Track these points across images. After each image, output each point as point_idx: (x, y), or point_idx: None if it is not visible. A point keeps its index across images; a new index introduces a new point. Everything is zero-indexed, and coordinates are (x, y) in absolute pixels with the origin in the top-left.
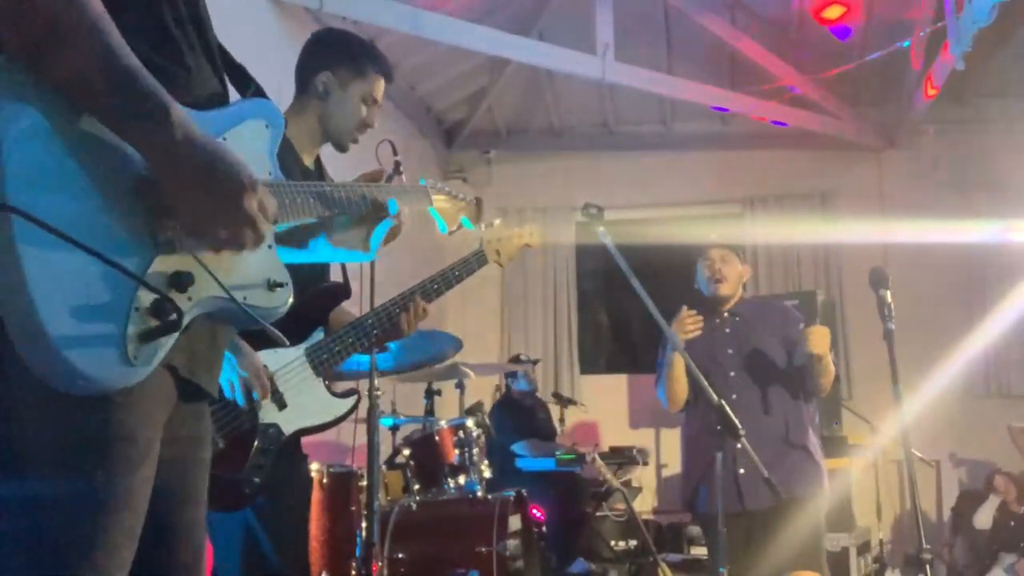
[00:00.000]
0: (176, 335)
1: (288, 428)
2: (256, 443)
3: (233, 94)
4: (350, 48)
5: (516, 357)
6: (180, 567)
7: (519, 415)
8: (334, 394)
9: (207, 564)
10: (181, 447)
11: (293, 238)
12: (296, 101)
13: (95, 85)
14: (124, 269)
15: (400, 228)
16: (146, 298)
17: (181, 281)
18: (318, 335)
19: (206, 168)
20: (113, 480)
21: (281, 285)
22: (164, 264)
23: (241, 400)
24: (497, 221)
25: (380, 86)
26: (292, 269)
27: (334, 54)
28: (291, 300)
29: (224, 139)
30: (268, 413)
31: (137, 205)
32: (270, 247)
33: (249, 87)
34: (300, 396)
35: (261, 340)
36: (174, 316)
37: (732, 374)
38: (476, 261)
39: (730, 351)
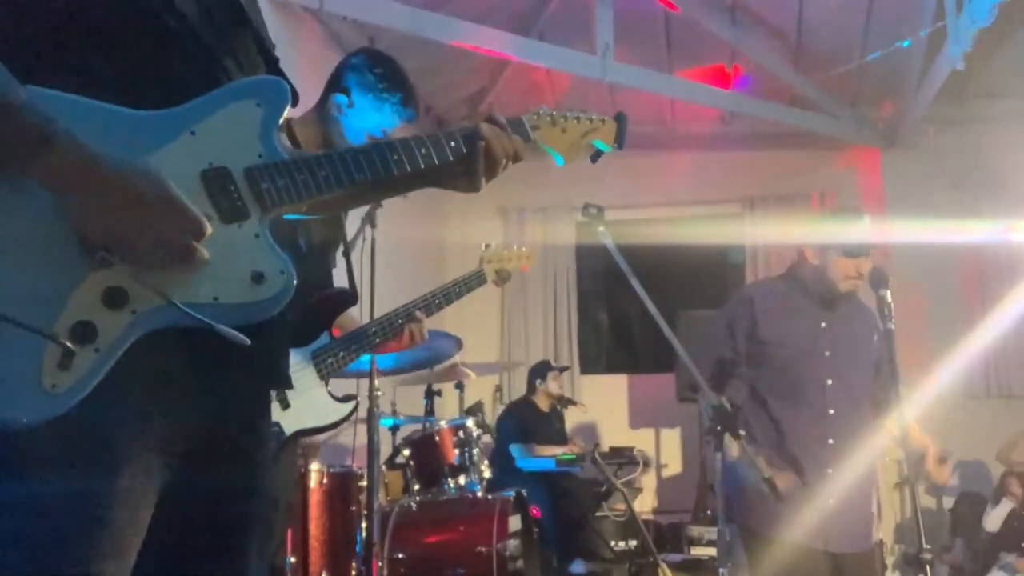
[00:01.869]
0: (110, 357)
1: (289, 428)
2: None
3: None
4: (380, 81)
5: (546, 362)
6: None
7: (533, 419)
8: (335, 398)
9: None
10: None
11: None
12: (313, 109)
13: None
14: (16, 322)
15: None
16: (64, 327)
17: (114, 297)
18: (323, 339)
19: (104, 190)
20: (87, 488)
21: (268, 277)
22: (97, 281)
23: None
24: (494, 243)
25: (394, 122)
26: (298, 274)
27: (359, 80)
28: (288, 288)
29: (193, 133)
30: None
31: (63, 223)
32: (257, 236)
33: (268, 62)
34: (303, 398)
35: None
36: (64, 349)
37: (829, 382)
38: (476, 280)
39: (827, 353)
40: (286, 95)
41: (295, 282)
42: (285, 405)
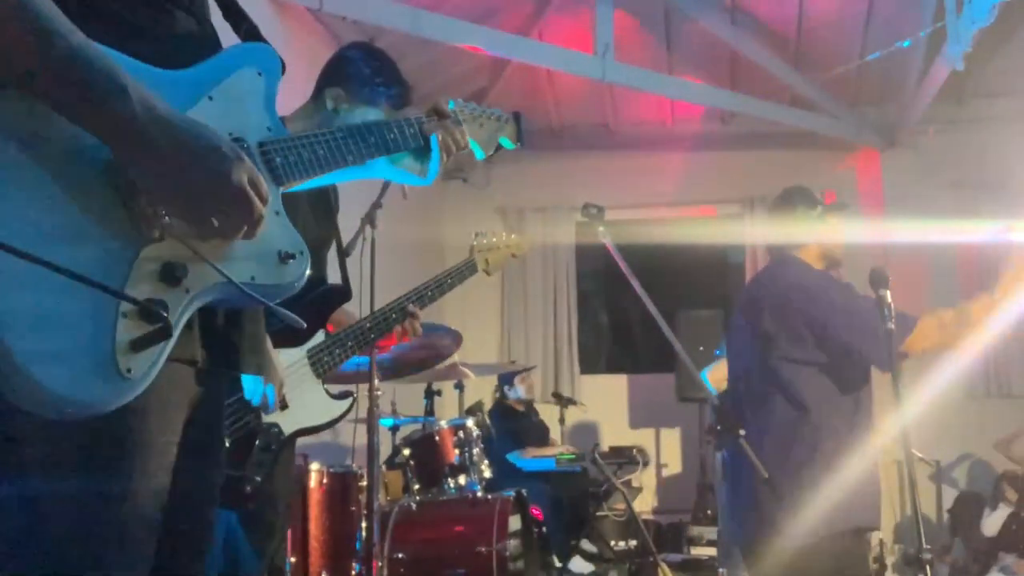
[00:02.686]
0: (174, 338)
1: (288, 428)
2: (258, 442)
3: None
4: (375, 75)
5: (511, 374)
6: (191, 568)
7: (512, 421)
8: (332, 396)
9: None
10: (197, 447)
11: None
12: (306, 105)
13: (34, 70)
14: (91, 281)
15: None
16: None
17: (173, 273)
18: (319, 337)
19: (177, 147)
20: (130, 489)
21: (293, 256)
22: (153, 255)
23: (257, 401)
24: (486, 231)
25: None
26: None
27: (355, 75)
28: (308, 271)
29: (211, 99)
30: (270, 413)
31: (110, 194)
32: (278, 214)
33: (241, 26)
34: (301, 397)
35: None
36: (160, 324)
37: None
38: (467, 270)
39: None
40: (280, 66)
41: (309, 264)
42: (283, 406)
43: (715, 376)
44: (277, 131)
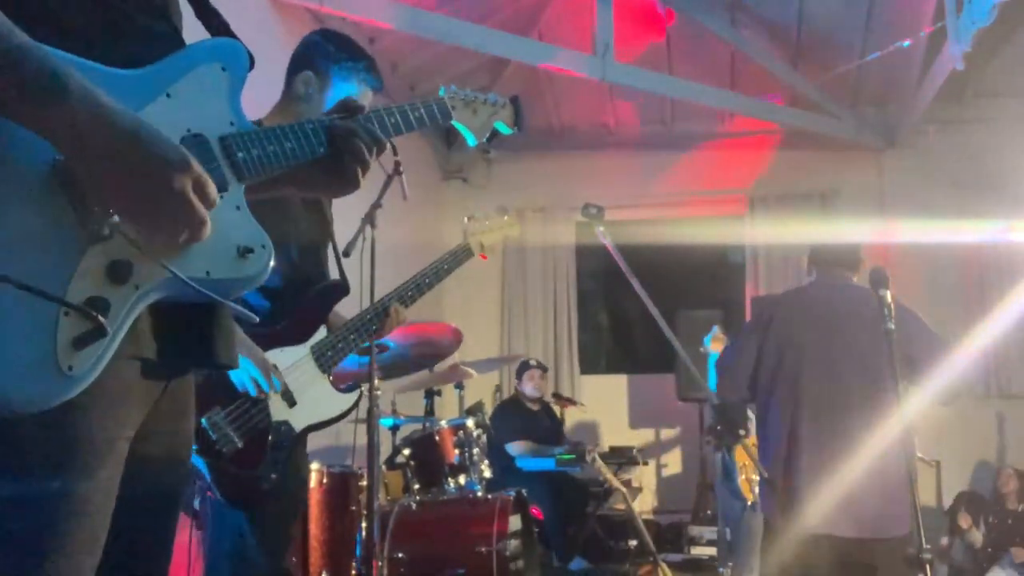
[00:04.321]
0: (118, 336)
1: (298, 425)
2: (270, 439)
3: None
4: (340, 51)
5: (525, 361)
6: (150, 567)
7: (521, 417)
8: (338, 390)
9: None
10: (156, 445)
11: (297, 178)
12: (280, 101)
13: None
14: (30, 288)
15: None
16: (77, 298)
17: (119, 271)
18: (321, 333)
19: (121, 148)
20: (70, 486)
21: (252, 250)
22: (100, 253)
23: (253, 391)
24: (478, 213)
25: (364, 92)
26: (294, 273)
27: (320, 55)
28: (271, 263)
29: (168, 96)
30: (279, 411)
31: (57, 194)
32: (238, 208)
33: (212, 23)
34: (308, 393)
35: (271, 340)
36: (93, 325)
37: None
38: (463, 254)
39: None
40: (247, 61)
41: (273, 257)
42: (292, 403)
43: (716, 342)
44: (240, 125)
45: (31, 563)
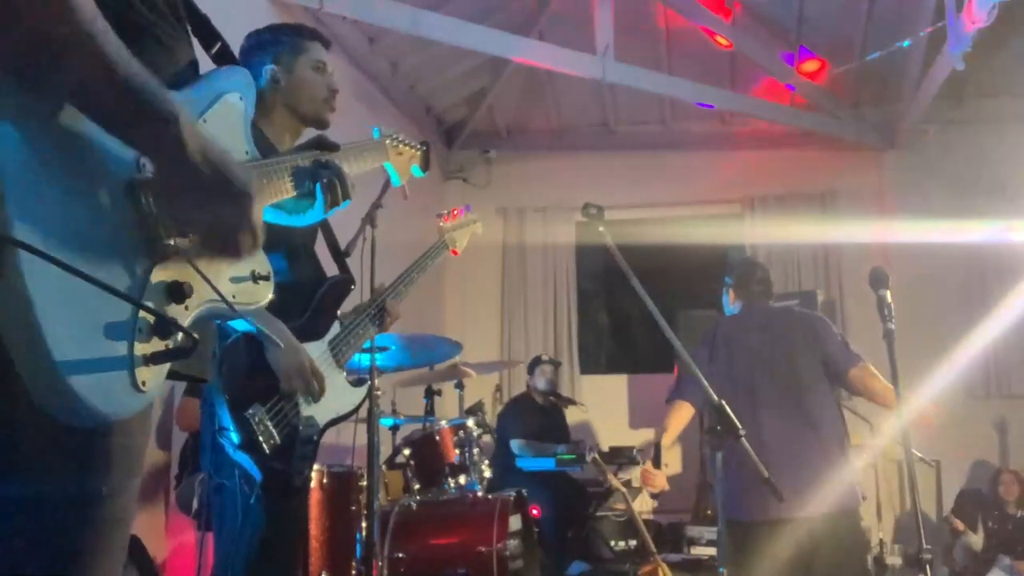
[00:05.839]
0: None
1: (322, 420)
2: (300, 434)
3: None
4: (276, 35)
5: (537, 357)
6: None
7: (530, 414)
8: (351, 383)
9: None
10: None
11: (283, 207)
12: (258, 104)
13: (100, 96)
14: (126, 296)
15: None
16: (148, 317)
17: (180, 292)
18: (335, 328)
19: (213, 172)
20: (116, 490)
21: (265, 277)
22: (161, 275)
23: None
24: (445, 211)
25: (320, 50)
26: (294, 272)
27: (264, 48)
28: (272, 290)
29: (204, 121)
30: (305, 406)
31: (129, 212)
32: None
33: (213, 45)
34: (328, 388)
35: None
36: (189, 344)
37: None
38: (443, 247)
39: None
40: (254, 87)
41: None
42: (317, 398)
43: None
44: (252, 155)
45: (77, 568)
